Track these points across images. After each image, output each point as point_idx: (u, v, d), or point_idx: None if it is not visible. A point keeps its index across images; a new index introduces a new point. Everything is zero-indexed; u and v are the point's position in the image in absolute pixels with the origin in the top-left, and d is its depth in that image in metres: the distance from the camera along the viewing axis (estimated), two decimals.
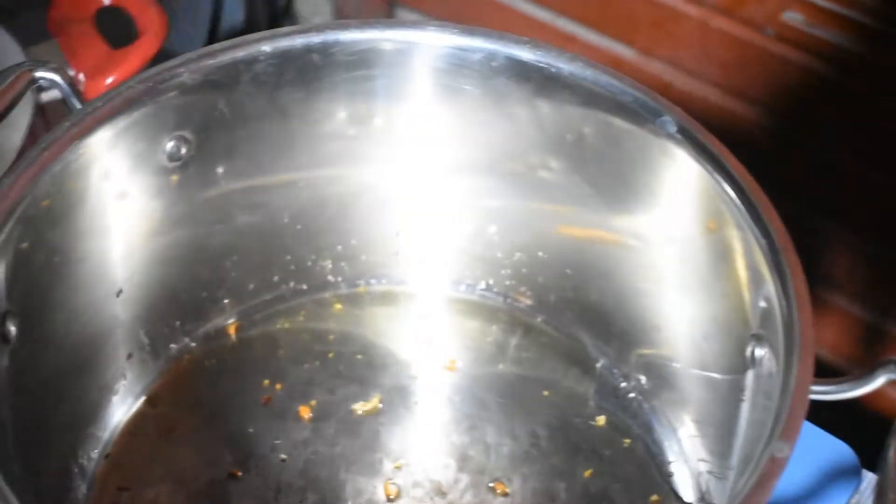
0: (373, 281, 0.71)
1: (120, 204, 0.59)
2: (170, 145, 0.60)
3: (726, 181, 0.54)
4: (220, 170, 0.63)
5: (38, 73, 0.58)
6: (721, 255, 0.55)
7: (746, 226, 0.52)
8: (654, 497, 0.61)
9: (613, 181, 0.61)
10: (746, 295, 0.53)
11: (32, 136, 0.69)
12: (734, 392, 0.55)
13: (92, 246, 0.59)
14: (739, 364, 0.54)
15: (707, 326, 0.59)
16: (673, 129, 0.55)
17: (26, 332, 0.53)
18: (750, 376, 0.53)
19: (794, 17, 0.97)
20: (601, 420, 0.64)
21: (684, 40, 1.04)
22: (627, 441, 0.63)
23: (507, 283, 0.69)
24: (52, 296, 0.56)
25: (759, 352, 0.52)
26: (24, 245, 0.52)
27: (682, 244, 0.58)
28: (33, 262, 0.54)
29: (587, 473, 0.62)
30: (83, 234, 0.58)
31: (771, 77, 1.01)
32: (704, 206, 0.56)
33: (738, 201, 0.53)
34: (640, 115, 0.57)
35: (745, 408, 0.53)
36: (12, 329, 0.52)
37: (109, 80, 0.76)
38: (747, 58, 1.02)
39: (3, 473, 0.44)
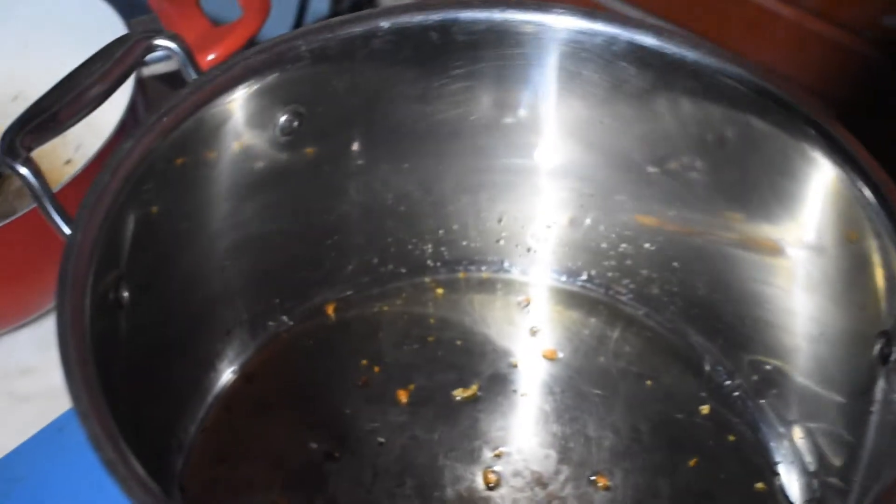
0: (472, 267, 0.70)
1: (233, 175, 0.59)
2: (283, 119, 0.59)
3: (860, 178, 0.52)
4: (330, 147, 0.62)
5: (156, 41, 0.58)
6: (858, 265, 0.53)
7: (883, 229, 0.51)
8: (760, 485, 0.59)
9: (745, 182, 0.60)
10: (881, 302, 0.52)
11: (133, 113, 0.68)
12: (855, 393, 0.54)
13: (203, 216, 0.58)
14: (863, 364, 0.53)
15: (827, 325, 0.57)
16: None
17: (138, 300, 0.53)
18: (878, 377, 0.51)
19: (894, 21, 0.95)
20: (705, 417, 0.63)
21: (778, 43, 1.02)
22: (732, 438, 0.62)
23: (610, 274, 0.68)
24: (166, 264, 0.56)
25: (889, 350, 0.50)
26: (152, 209, 0.53)
27: (815, 251, 0.57)
28: (152, 229, 0.53)
29: (690, 466, 0.60)
30: (197, 203, 0.57)
31: (867, 82, 0.99)
32: (842, 212, 0.54)
33: (872, 200, 0.51)
34: (768, 105, 0.56)
35: (873, 409, 0.52)
36: (125, 294, 0.52)
37: (211, 57, 0.75)
38: (843, 62, 1.00)
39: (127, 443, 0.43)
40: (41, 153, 0.59)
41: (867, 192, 0.51)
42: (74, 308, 0.46)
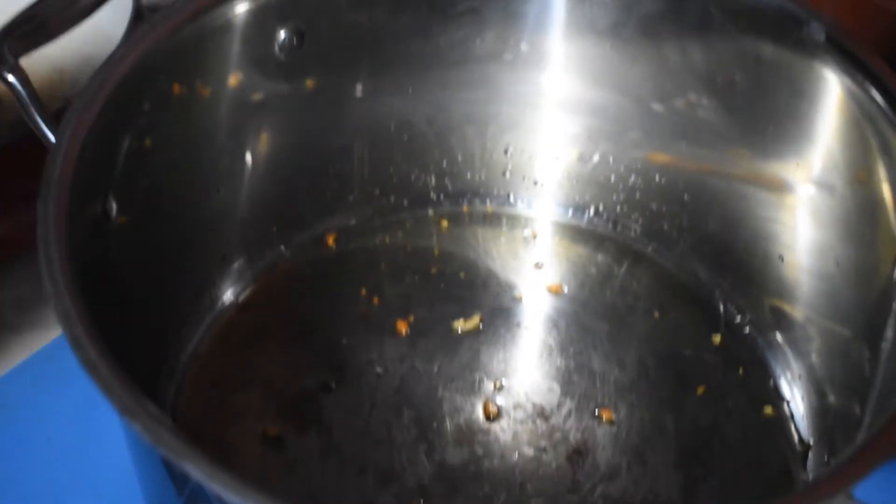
0: (476, 200, 0.68)
1: (229, 97, 0.57)
2: (283, 35, 0.57)
3: (875, 87, 0.50)
4: (331, 70, 0.60)
5: None
6: (869, 202, 0.52)
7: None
8: (768, 409, 0.58)
9: (756, 115, 0.58)
10: (894, 230, 0.50)
11: None
12: (867, 327, 0.52)
13: (199, 135, 0.56)
14: (875, 297, 0.51)
15: (839, 261, 0.55)
16: (821, 36, 0.52)
17: (128, 217, 0.51)
18: (891, 311, 0.49)
19: None
20: (713, 352, 0.61)
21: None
22: (741, 372, 0.60)
23: (618, 209, 0.66)
24: (157, 185, 0.54)
25: None
26: (143, 129, 0.51)
27: (825, 188, 0.55)
28: (143, 147, 0.52)
29: (698, 395, 0.58)
30: (192, 124, 0.56)
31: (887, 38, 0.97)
32: (853, 138, 0.52)
33: (885, 107, 0.49)
34: (784, 26, 0.54)
35: (883, 344, 0.50)
36: (114, 205, 0.50)
37: None
38: (862, 14, 0.97)
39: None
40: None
41: (879, 98, 0.49)
42: (59, 214, 0.45)
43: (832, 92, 0.53)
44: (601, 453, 0.56)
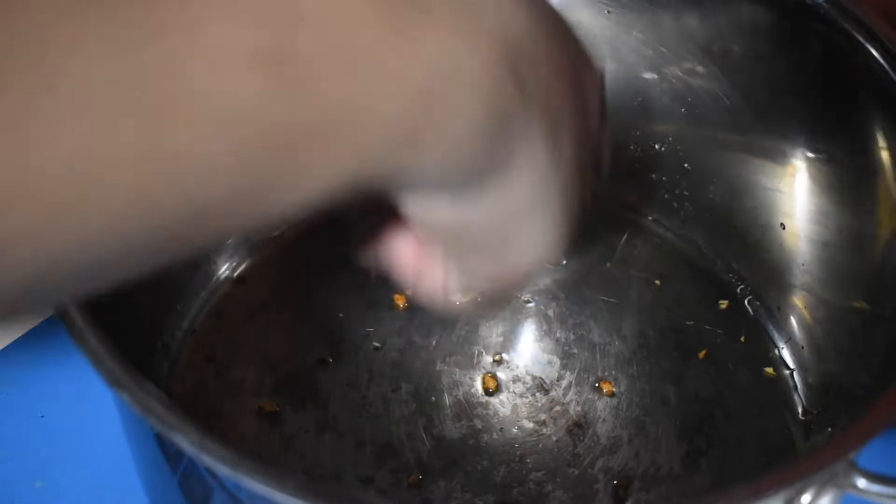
0: None
1: None
2: None
3: (876, 49, 0.50)
4: None
5: None
6: (868, 169, 0.51)
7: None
8: (769, 370, 0.57)
9: (753, 83, 0.58)
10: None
11: None
12: (869, 298, 0.52)
13: None
14: (876, 266, 0.51)
15: (840, 230, 0.55)
16: None
17: None
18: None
19: None
20: (714, 322, 0.60)
21: None
22: (741, 345, 0.59)
23: (617, 178, 0.65)
24: None
25: None
26: None
27: (825, 155, 0.55)
28: None
29: (698, 376, 0.58)
30: None
31: None
32: (853, 109, 0.52)
33: (887, 69, 0.49)
34: None
35: (885, 314, 0.49)
36: None
37: None
38: None
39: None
40: None
41: (881, 60, 0.49)
42: None
43: (831, 58, 0.52)
44: (602, 426, 0.56)
